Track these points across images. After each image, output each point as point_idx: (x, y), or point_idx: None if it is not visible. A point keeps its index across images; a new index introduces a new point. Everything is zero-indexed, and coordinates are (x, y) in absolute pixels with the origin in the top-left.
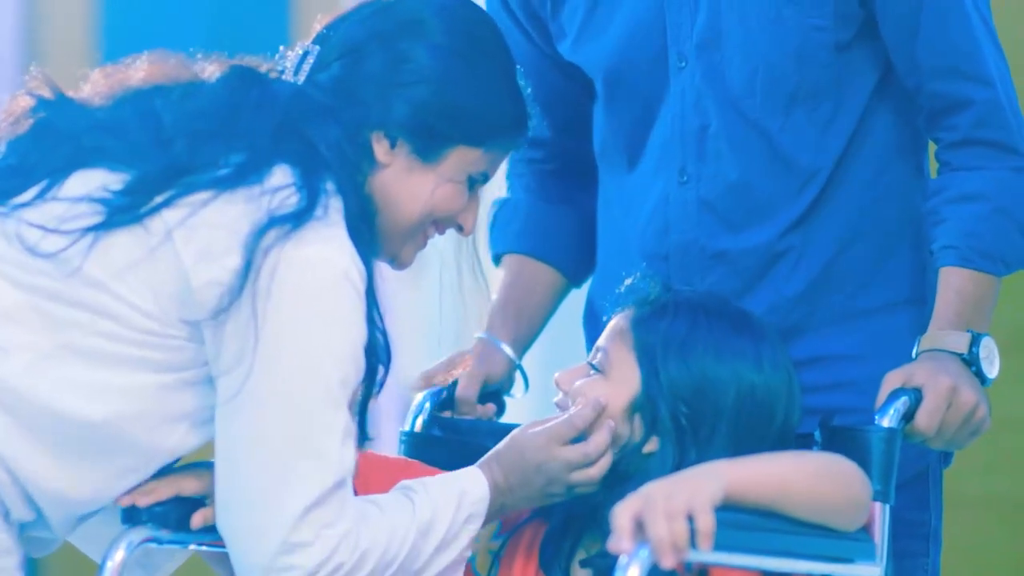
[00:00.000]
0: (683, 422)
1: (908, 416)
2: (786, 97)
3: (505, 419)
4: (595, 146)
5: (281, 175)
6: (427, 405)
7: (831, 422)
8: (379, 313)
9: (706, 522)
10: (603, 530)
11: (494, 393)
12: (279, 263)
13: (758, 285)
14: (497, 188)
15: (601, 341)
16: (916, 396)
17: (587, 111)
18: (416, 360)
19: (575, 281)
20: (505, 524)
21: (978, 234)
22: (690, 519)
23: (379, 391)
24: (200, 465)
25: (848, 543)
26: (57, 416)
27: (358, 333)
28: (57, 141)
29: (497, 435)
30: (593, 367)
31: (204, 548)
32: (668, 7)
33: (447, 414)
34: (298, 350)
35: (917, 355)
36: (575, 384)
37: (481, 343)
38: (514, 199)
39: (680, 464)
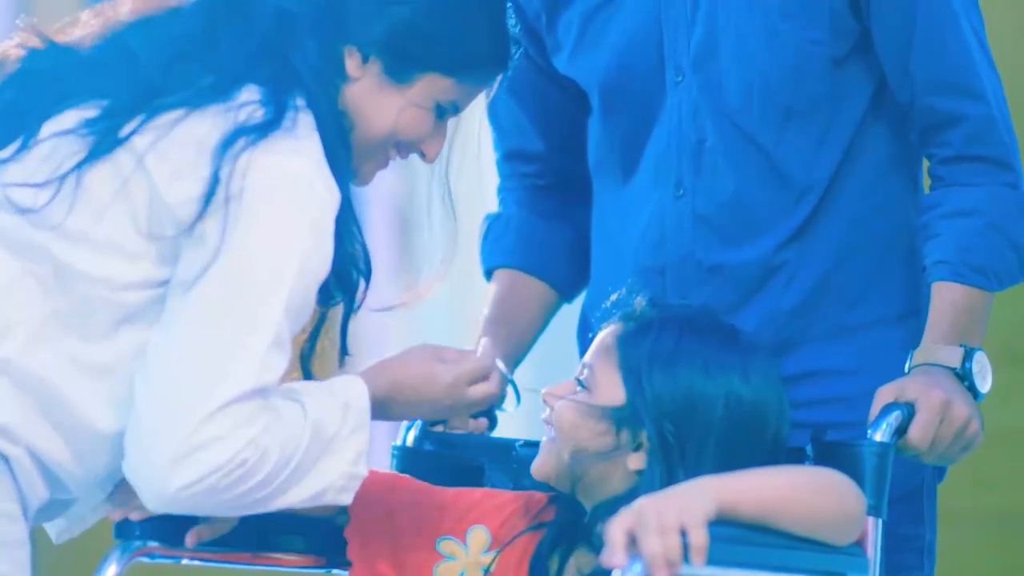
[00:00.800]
0: (670, 439)
1: (901, 430)
2: (782, 111)
3: (497, 433)
4: (590, 159)
5: (248, 93)
6: (419, 419)
7: (824, 436)
8: (358, 226)
9: (699, 536)
10: (593, 546)
11: (485, 409)
12: (249, 168)
13: (753, 299)
14: (489, 202)
15: (587, 357)
16: (909, 411)
17: (582, 127)
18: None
19: (567, 296)
20: (496, 539)
21: (972, 249)
22: (683, 533)
23: (359, 307)
24: None
25: (841, 557)
26: (61, 401)
27: (319, 246)
28: (42, 86)
29: (489, 450)
30: (579, 383)
31: (197, 563)
32: (665, 20)
33: (439, 428)
34: (257, 253)
35: (910, 369)
36: (558, 402)
37: None
38: (506, 214)
39: (669, 481)
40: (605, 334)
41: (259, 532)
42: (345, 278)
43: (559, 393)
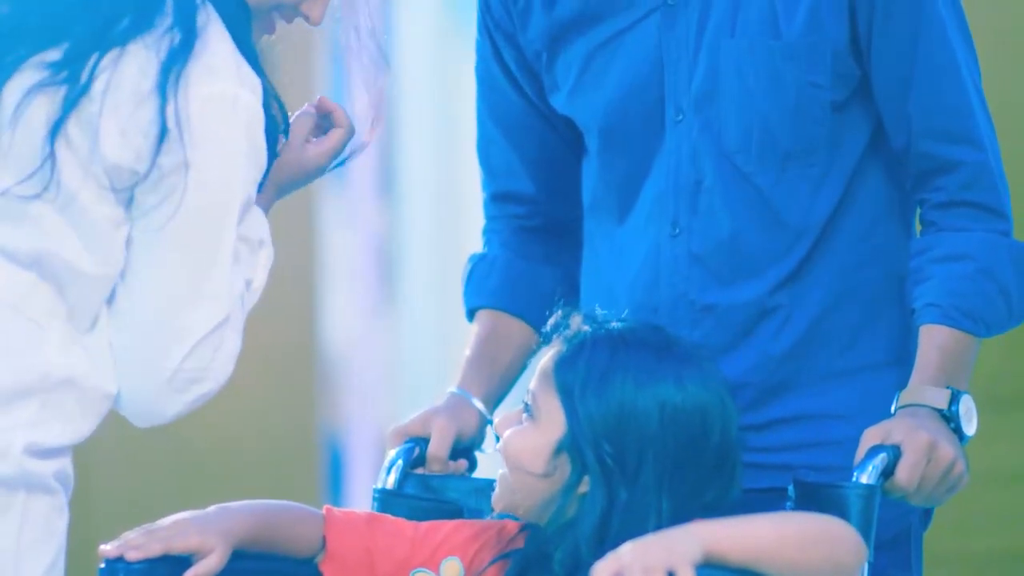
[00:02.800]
0: (608, 461)
1: (887, 473)
2: (780, 154)
3: (477, 474)
4: (585, 199)
5: (164, 18)
6: (400, 462)
7: (806, 478)
8: (271, 88)
9: (687, 575)
10: (554, 572)
11: (465, 449)
12: (183, 109)
13: (745, 341)
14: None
15: (531, 383)
16: (895, 453)
17: (573, 172)
18: None
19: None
20: (469, 570)
21: (962, 294)
22: (670, 575)
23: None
24: (188, 518)
25: None
26: (91, 389)
27: (255, 150)
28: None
29: (469, 492)
30: (526, 410)
31: None
32: (667, 60)
33: (420, 471)
34: (206, 187)
35: (896, 410)
36: (505, 433)
37: (453, 398)
38: (491, 255)
39: (612, 503)
40: (546, 358)
41: None
42: (268, 136)
43: (507, 422)
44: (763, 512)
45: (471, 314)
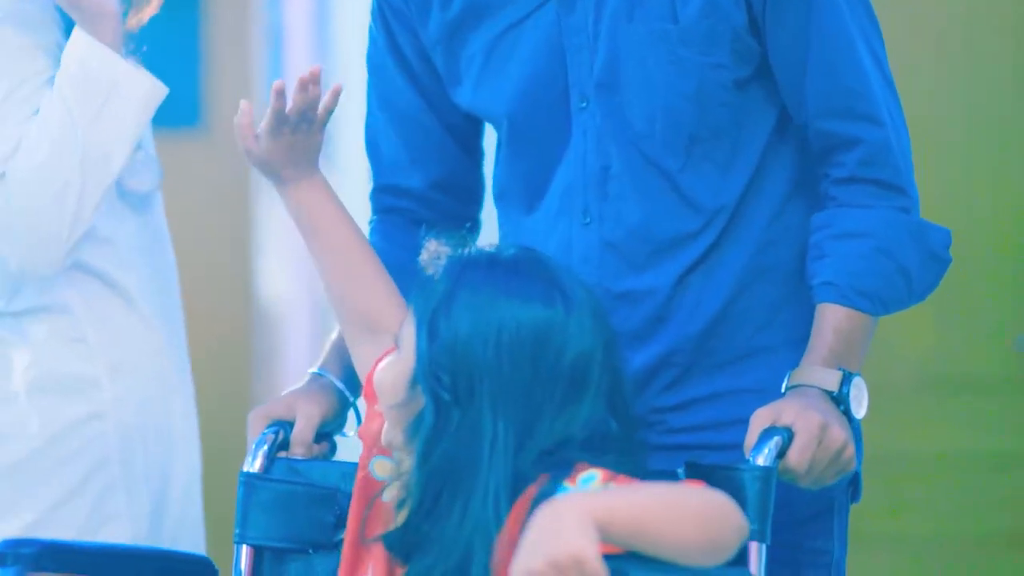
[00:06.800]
0: (442, 389)
1: (780, 454)
2: (686, 137)
3: (339, 457)
4: (494, 189)
5: None
6: (266, 446)
7: (700, 460)
8: None
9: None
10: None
11: (326, 433)
12: None
13: (662, 325)
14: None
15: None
16: (788, 435)
17: (466, 167)
18: None
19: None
20: None
21: (858, 273)
22: None
23: None
24: None
25: None
26: None
27: None
28: None
29: (336, 475)
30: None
31: None
32: (568, 47)
33: (282, 454)
34: None
35: (787, 389)
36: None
37: (316, 380)
38: (371, 244)
39: (443, 425)
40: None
41: None
42: None
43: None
44: None
45: None
